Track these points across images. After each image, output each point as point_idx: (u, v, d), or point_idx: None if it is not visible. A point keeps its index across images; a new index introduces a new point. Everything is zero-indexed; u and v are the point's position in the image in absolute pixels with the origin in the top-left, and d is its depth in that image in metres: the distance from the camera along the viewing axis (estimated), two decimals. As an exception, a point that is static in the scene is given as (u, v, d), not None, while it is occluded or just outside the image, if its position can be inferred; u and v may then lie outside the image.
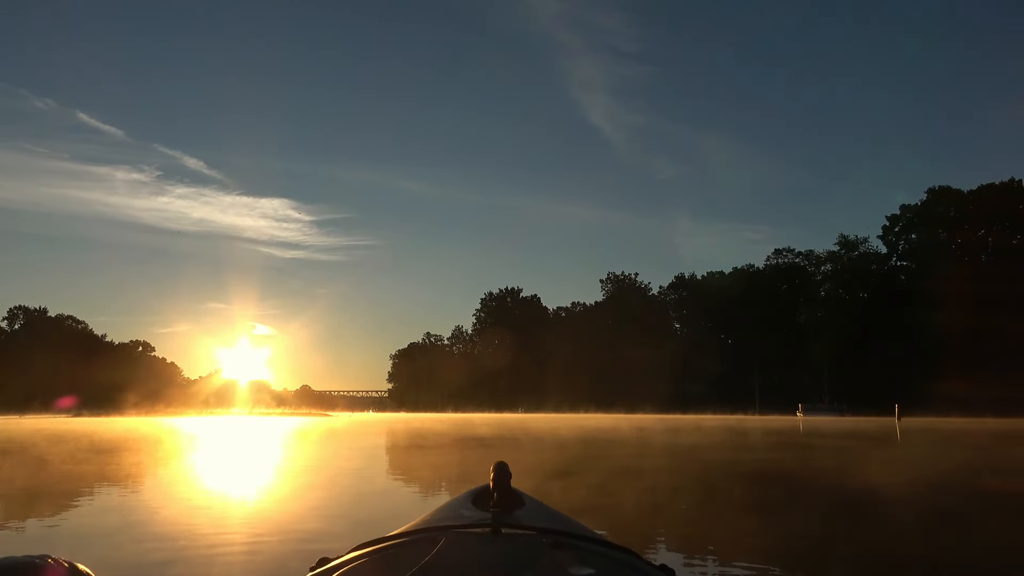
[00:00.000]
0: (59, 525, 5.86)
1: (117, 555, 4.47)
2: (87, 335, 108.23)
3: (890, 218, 70.57)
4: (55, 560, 0.80)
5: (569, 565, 1.17)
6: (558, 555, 1.22)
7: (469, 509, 1.62)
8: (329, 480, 9.73)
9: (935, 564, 4.46)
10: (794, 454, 15.80)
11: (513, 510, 1.57)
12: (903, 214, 69.59)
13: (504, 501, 1.56)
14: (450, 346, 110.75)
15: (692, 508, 7.13)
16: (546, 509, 1.67)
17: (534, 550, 1.25)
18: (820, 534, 5.52)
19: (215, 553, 4.44)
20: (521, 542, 1.30)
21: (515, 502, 1.63)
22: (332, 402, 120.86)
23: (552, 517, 1.59)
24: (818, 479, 10.34)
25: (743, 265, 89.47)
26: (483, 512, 1.54)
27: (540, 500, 1.73)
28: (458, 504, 1.69)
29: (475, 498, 1.72)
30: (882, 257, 71.32)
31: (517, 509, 1.59)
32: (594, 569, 1.16)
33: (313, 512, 6.60)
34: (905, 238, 69.60)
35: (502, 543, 1.29)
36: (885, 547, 4.83)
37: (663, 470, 11.23)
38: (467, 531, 1.37)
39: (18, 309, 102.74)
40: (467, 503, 1.68)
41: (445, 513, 1.60)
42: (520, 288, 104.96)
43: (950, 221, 66.43)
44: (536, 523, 1.40)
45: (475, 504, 1.67)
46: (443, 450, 16.21)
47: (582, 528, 1.53)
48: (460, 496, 1.78)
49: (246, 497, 7.92)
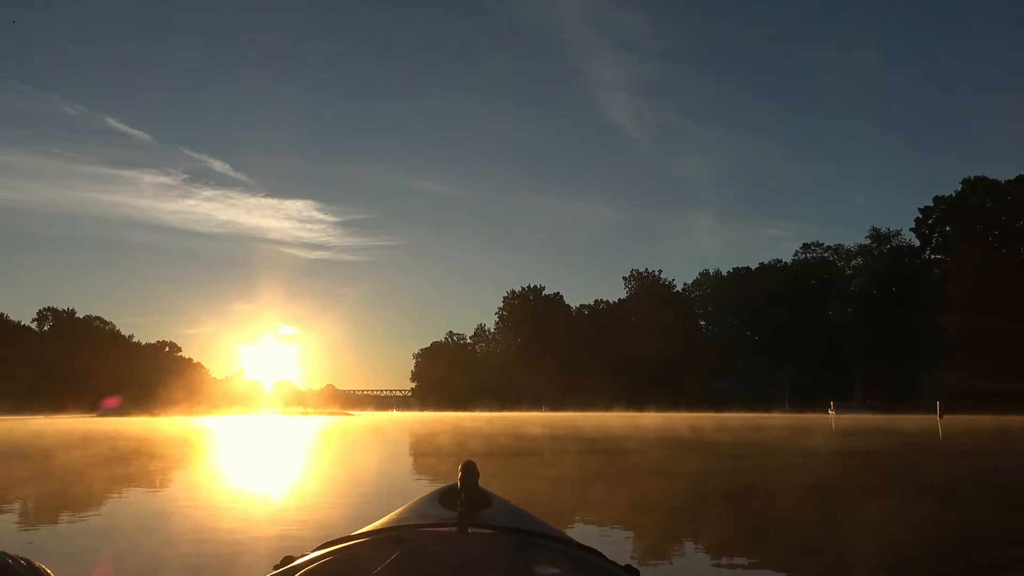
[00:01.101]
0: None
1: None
2: (115, 336, 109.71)
3: (923, 210, 68.53)
4: (12, 558, 0.80)
5: (535, 564, 1.17)
6: (524, 554, 1.22)
7: (436, 508, 1.60)
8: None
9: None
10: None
11: (480, 510, 1.55)
12: (936, 206, 67.55)
13: (471, 500, 1.53)
14: (473, 345, 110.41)
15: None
16: (513, 509, 1.66)
17: (500, 549, 1.25)
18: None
19: (180, 553, 4.56)
20: (487, 541, 1.29)
21: (482, 502, 1.60)
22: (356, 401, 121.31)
23: (519, 517, 1.59)
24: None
25: (770, 260, 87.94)
26: (450, 511, 1.52)
27: (508, 500, 1.71)
28: (425, 503, 1.67)
29: (442, 497, 1.69)
30: (915, 250, 69.33)
31: (484, 509, 1.57)
32: (560, 568, 1.17)
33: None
34: (939, 230, 67.55)
35: (468, 542, 1.28)
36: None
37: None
38: (433, 530, 1.37)
39: (47, 311, 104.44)
40: (434, 502, 1.66)
41: (412, 512, 1.59)
42: (542, 286, 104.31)
43: (987, 212, 64.36)
44: (503, 523, 1.41)
45: (442, 503, 1.65)
46: (563, 463, 12.97)
47: (548, 528, 1.54)
48: (427, 495, 1.74)
49: (242, 494, 8.11)
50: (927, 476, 10.85)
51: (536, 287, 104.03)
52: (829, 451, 16.16)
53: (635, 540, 5.34)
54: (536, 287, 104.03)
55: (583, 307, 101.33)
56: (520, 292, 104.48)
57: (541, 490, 8.25)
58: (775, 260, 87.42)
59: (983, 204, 65.53)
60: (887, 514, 6.66)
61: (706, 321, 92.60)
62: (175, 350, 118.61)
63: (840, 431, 26.59)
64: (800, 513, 6.76)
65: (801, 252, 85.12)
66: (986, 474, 11.11)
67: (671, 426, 30.02)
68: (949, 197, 66.76)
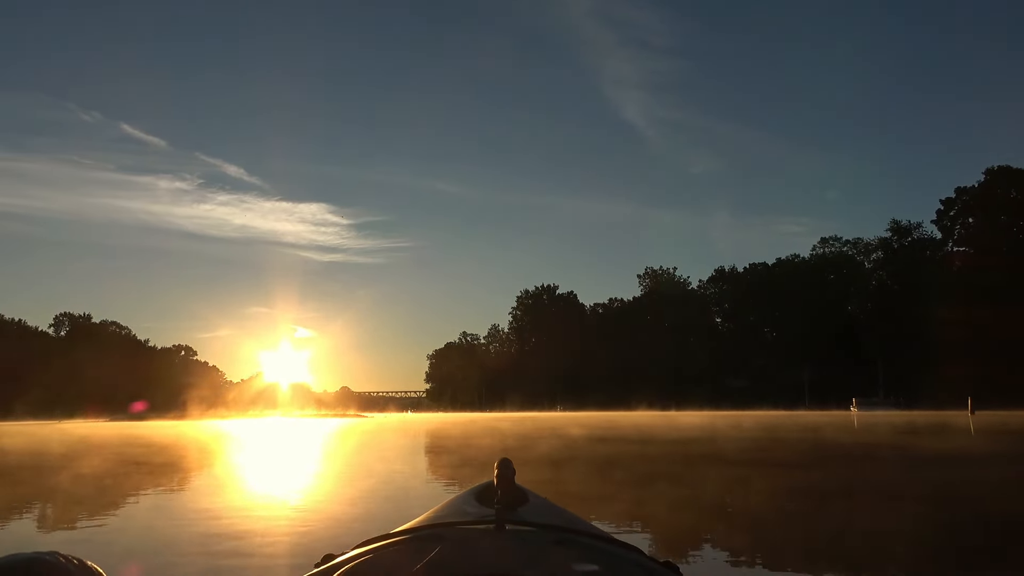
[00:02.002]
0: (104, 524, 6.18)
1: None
2: (130, 340, 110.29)
3: (945, 202, 66.89)
4: (65, 557, 0.81)
5: (573, 561, 1.17)
6: (562, 551, 1.22)
7: (473, 506, 1.61)
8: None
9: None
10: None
11: (517, 507, 1.55)
12: (959, 197, 65.88)
13: (508, 498, 1.53)
14: (487, 345, 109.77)
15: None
16: (550, 506, 1.65)
17: (538, 546, 1.24)
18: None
19: (224, 551, 4.58)
20: (525, 538, 1.29)
21: (519, 498, 1.60)
22: (371, 403, 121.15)
23: (557, 513, 1.58)
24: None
25: (788, 255, 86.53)
26: (487, 508, 1.53)
27: (545, 497, 1.69)
28: (462, 501, 1.68)
29: (479, 495, 1.70)
30: (937, 243, 67.68)
31: (521, 506, 1.57)
32: (598, 565, 1.16)
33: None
34: (962, 222, 65.90)
35: (506, 539, 1.29)
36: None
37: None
38: (471, 527, 1.37)
39: (63, 316, 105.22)
40: (471, 500, 1.67)
41: (449, 510, 1.60)
42: (556, 285, 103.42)
43: (1011, 203, 62.63)
44: (540, 519, 1.42)
45: (479, 501, 1.65)
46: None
47: (587, 525, 1.53)
48: (464, 493, 1.75)
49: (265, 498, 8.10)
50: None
51: (550, 286, 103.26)
52: (989, 455, 13.97)
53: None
54: (550, 286, 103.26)
55: (597, 306, 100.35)
56: (534, 292, 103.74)
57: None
58: (793, 255, 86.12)
59: (1007, 194, 63.85)
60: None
61: (722, 318, 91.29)
62: (191, 354, 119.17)
63: (928, 430, 23.60)
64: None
65: (819, 247, 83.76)
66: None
67: (715, 425, 28.43)
68: (972, 188, 65.14)
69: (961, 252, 65.54)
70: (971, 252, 63.60)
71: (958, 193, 65.95)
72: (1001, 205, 62.92)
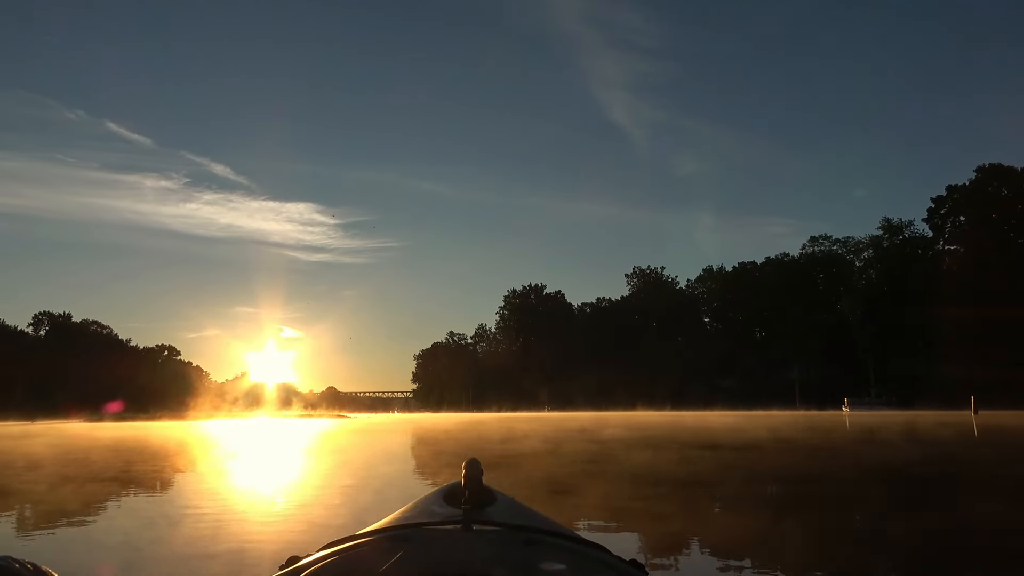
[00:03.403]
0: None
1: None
2: (112, 340, 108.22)
3: (935, 200, 66.30)
4: (19, 562, 0.78)
5: (540, 561, 1.17)
6: (529, 551, 1.22)
7: (441, 506, 1.61)
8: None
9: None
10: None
11: (485, 507, 1.57)
12: (950, 195, 65.29)
13: (476, 498, 1.56)
14: (474, 344, 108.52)
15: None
16: (518, 506, 1.67)
17: (505, 546, 1.25)
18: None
19: (186, 555, 4.52)
20: (492, 538, 1.30)
21: (487, 499, 1.62)
22: (358, 403, 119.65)
23: (524, 514, 1.59)
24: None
25: (777, 255, 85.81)
26: (455, 509, 1.53)
27: (512, 497, 1.71)
28: (430, 501, 1.67)
29: (446, 495, 1.70)
30: (928, 241, 67.08)
31: (489, 506, 1.59)
32: (565, 564, 1.16)
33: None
34: (952, 220, 65.32)
35: (473, 540, 1.29)
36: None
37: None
38: (438, 528, 1.37)
39: (43, 315, 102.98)
40: (439, 500, 1.67)
41: (416, 510, 1.60)
42: (544, 285, 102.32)
43: (1003, 200, 62.08)
44: (508, 519, 1.43)
45: (447, 501, 1.66)
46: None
47: (554, 524, 1.54)
48: (432, 493, 1.75)
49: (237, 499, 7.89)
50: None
51: (537, 286, 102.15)
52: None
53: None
54: (537, 286, 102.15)
55: (585, 305, 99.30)
56: (521, 291, 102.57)
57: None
58: (782, 254, 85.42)
59: (998, 192, 63.30)
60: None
61: (710, 318, 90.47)
62: (174, 354, 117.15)
63: (932, 431, 22.39)
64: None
65: (809, 245, 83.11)
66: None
67: (752, 425, 26.68)
68: (963, 186, 64.54)
69: (952, 250, 64.98)
70: (962, 250, 63.04)
71: (949, 191, 65.42)
72: (993, 203, 62.38)
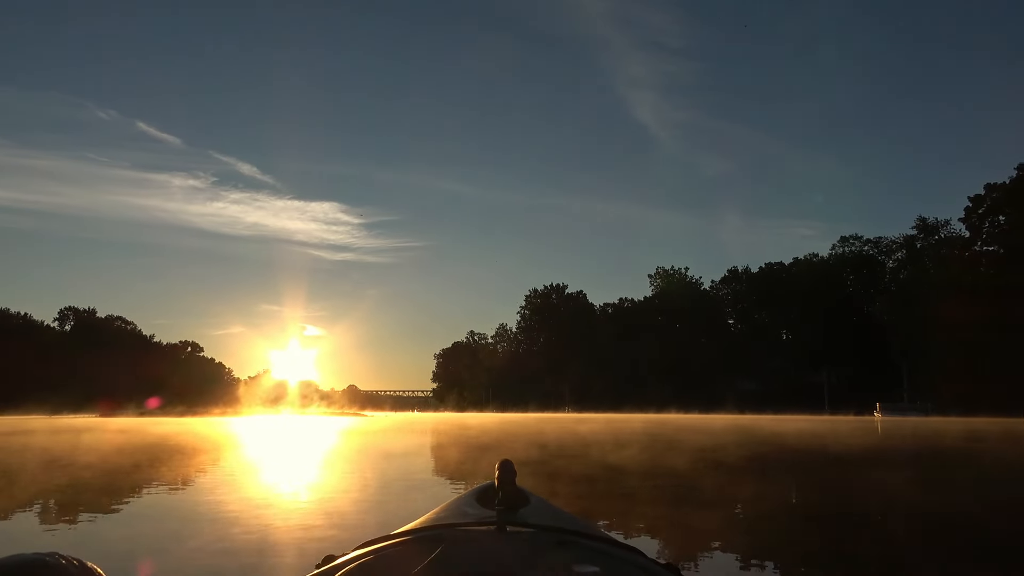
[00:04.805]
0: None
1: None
2: (135, 336, 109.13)
3: (973, 199, 63.84)
4: (65, 558, 0.79)
5: (574, 563, 1.16)
6: (563, 553, 1.21)
7: (474, 507, 1.61)
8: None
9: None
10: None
11: (518, 508, 1.56)
12: (988, 194, 62.83)
13: (509, 499, 1.55)
14: (494, 344, 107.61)
15: None
16: (552, 508, 1.66)
17: (539, 548, 1.24)
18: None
19: (223, 550, 4.52)
20: (526, 540, 1.29)
21: (520, 500, 1.61)
22: (378, 402, 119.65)
23: (558, 516, 1.59)
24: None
25: (805, 255, 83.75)
26: (488, 510, 1.54)
27: (545, 499, 1.70)
28: (463, 502, 1.68)
29: (480, 496, 1.71)
30: (965, 241, 64.66)
31: (522, 507, 1.58)
32: (599, 567, 1.15)
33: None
34: (991, 220, 62.85)
35: (507, 541, 1.29)
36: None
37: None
38: (472, 529, 1.37)
39: (68, 310, 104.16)
40: (472, 501, 1.67)
41: (450, 511, 1.60)
42: (565, 285, 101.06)
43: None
44: (541, 521, 1.42)
45: (480, 502, 1.66)
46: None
47: (588, 526, 1.53)
48: (465, 494, 1.76)
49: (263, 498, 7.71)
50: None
51: (559, 285, 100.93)
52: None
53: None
54: (559, 285, 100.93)
55: (607, 305, 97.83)
56: (542, 291, 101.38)
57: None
58: (811, 254, 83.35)
59: (1040, 191, 60.66)
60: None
61: (735, 319, 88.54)
62: (197, 350, 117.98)
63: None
64: None
65: (839, 245, 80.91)
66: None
67: (834, 431, 25.16)
68: (1003, 184, 62.07)
69: (991, 251, 62.54)
70: (1001, 251, 60.61)
71: (987, 189, 62.93)
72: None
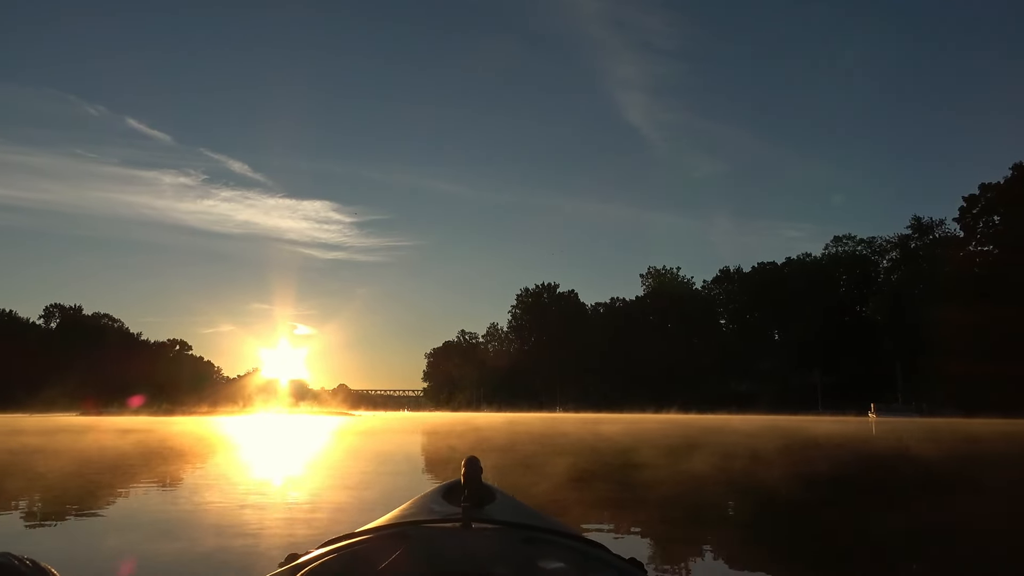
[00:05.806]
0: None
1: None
2: (122, 333, 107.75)
3: (967, 199, 63.47)
4: (17, 558, 0.78)
5: (540, 559, 1.17)
6: (529, 549, 1.23)
7: (440, 504, 1.61)
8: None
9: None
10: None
11: (484, 505, 1.57)
12: (983, 194, 62.46)
13: (475, 496, 1.56)
14: (485, 344, 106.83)
15: None
16: (517, 504, 1.67)
17: (505, 544, 1.25)
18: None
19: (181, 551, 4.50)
20: (492, 536, 1.30)
21: (486, 496, 1.63)
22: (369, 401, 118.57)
23: (523, 512, 1.60)
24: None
25: (798, 255, 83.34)
26: (454, 507, 1.54)
27: (512, 495, 1.71)
28: (429, 499, 1.68)
29: (446, 493, 1.71)
30: (960, 241, 64.28)
31: (488, 504, 1.59)
32: (564, 563, 1.17)
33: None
34: (986, 220, 62.50)
35: (472, 537, 1.29)
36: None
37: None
38: (437, 526, 1.37)
39: (54, 307, 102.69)
40: (438, 498, 1.68)
41: (416, 508, 1.60)
42: (557, 284, 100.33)
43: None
44: (507, 518, 1.44)
45: (446, 499, 1.66)
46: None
47: (553, 522, 1.55)
48: (431, 491, 1.76)
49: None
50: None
51: (550, 285, 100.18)
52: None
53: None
54: (550, 285, 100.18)
55: (599, 305, 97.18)
56: (534, 290, 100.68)
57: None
58: (804, 254, 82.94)
59: (1034, 191, 60.28)
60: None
61: (727, 320, 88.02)
62: (185, 348, 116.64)
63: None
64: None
65: (832, 245, 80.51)
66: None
67: (797, 430, 24.87)
68: (997, 184, 61.72)
69: (985, 251, 62.16)
70: (996, 251, 60.25)
71: (982, 189, 62.55)
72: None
